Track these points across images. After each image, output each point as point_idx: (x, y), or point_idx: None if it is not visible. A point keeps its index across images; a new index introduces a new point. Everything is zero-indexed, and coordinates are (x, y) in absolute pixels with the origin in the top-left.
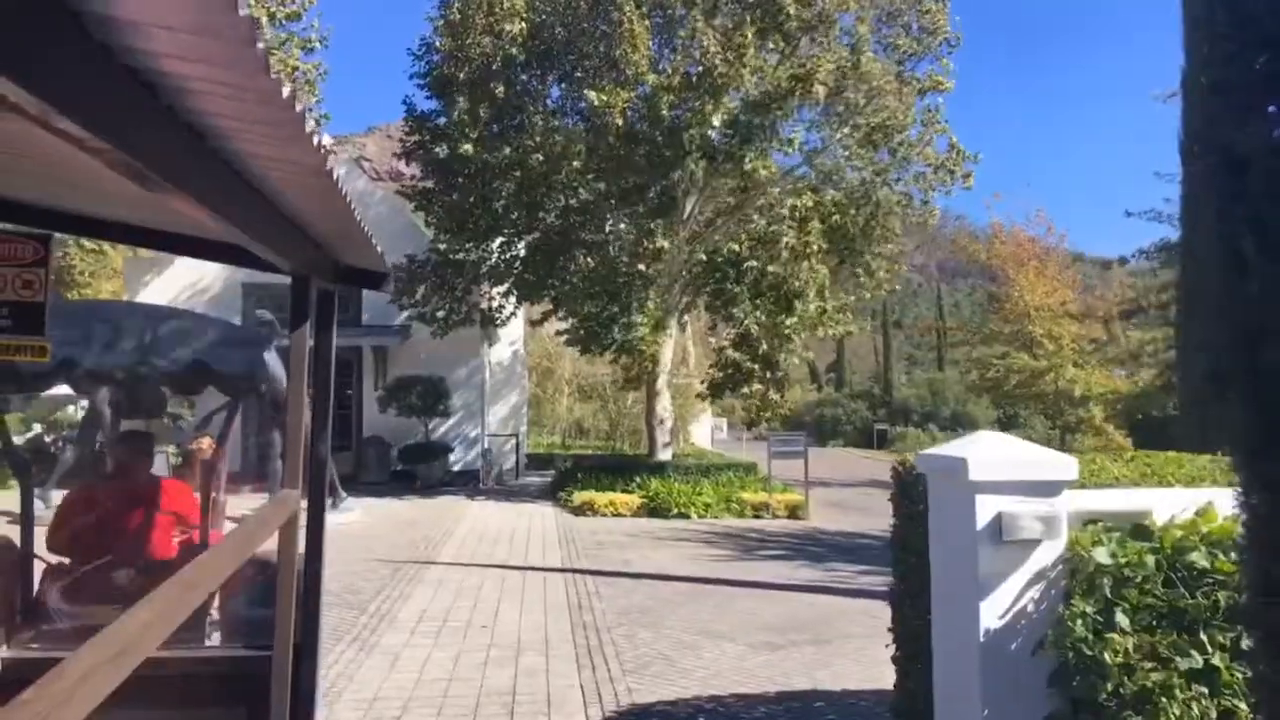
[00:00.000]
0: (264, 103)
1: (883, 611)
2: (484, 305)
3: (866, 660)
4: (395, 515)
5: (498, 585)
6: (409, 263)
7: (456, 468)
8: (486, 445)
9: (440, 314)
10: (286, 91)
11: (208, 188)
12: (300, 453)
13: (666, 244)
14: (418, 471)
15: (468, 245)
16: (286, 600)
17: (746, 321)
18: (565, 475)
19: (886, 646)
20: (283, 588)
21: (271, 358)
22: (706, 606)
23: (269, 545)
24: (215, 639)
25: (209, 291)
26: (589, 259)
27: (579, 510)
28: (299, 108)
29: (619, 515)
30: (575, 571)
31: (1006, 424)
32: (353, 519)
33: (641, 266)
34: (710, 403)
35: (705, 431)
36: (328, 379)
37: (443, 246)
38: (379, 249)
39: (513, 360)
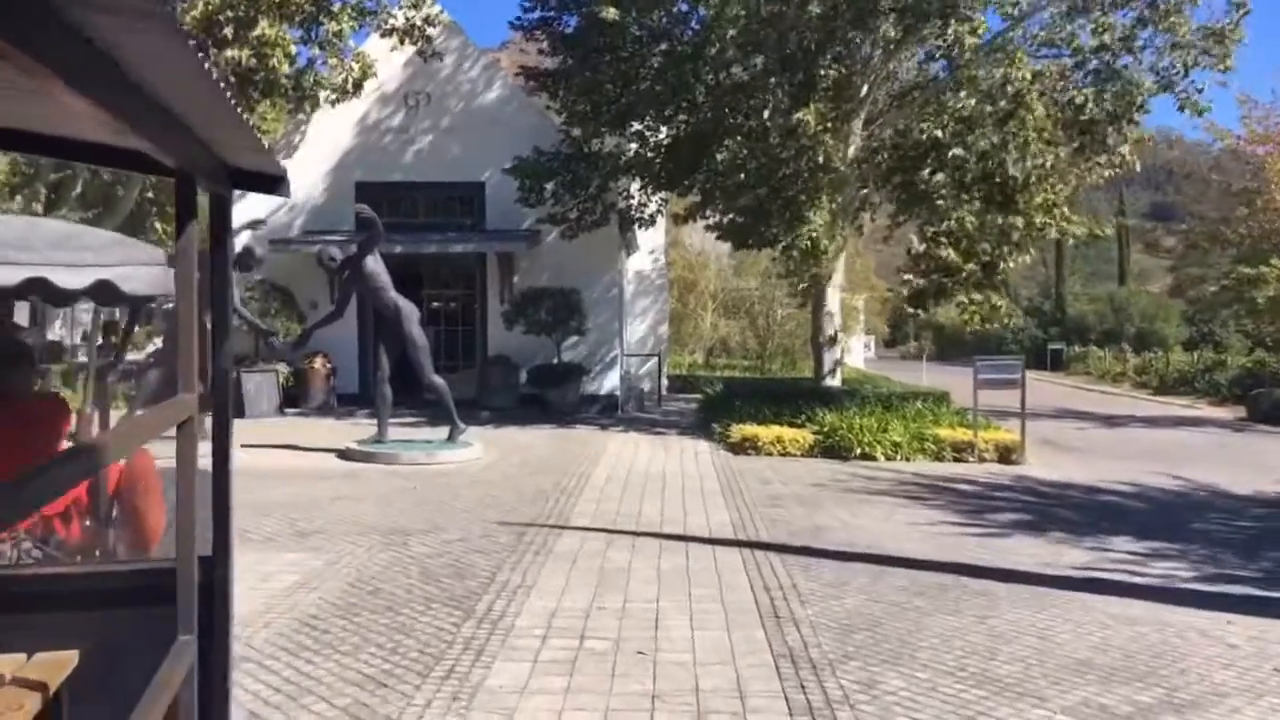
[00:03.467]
0: None
1: (1233, 631)
2: (622, 204)
3: None
4: (522, 451)
5: (652, 566)
6: (536, 156)
7: (591, 392)
8: (626, 367)
9: (572, 215)
10: None
11: (61, 55)
12: (194, 357)
13: (843, 125)
14: (548, 396)
15: (603, 132)
16: (186, 509)
17: (956, 217)
18: (716, 402)
19: None
20: (182, 496)
21: (373, 260)
22: (965, 620)
23: None
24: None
25: (317, 194)
26: (742, 149)
27: (739, 448)
28: None
29: (787, 455)
30: (754, 546)
31: (1200, 343)
32: (471, 457)
33: (807, 158)
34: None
35: (859, 351)
36: (225, 289)
37: (575, 133)
38: (267, 146)
39: (652, 271)
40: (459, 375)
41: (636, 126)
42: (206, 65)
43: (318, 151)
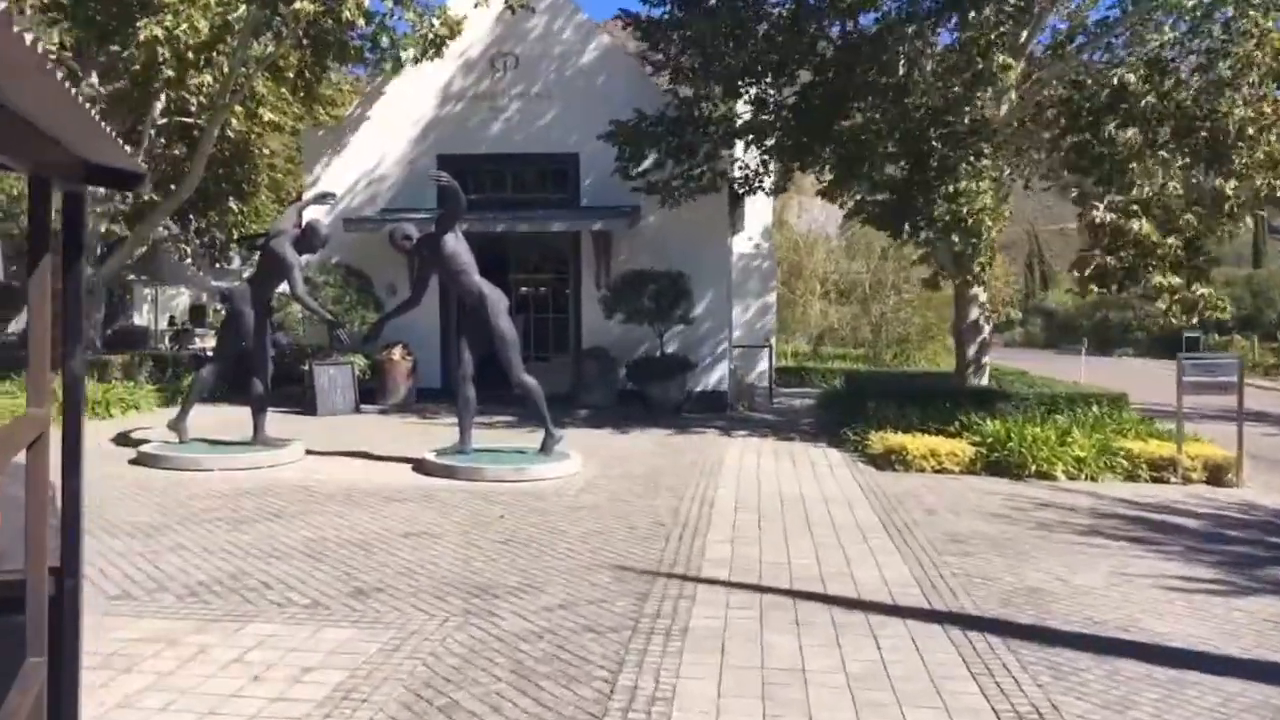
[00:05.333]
0: None
1: None
2: (735, 174)
3: None
4: (627, 462)
5: (834, 661)
6: (638, 119)
7: (697, 387)
8: (735, 360)
9: (676, 183)
10: None
11: None
12: (45, 369)
13: (1011, 67)
14: (650, 393)
15: (715, 93)
16: (39, 523)
17: (1154, 181)
18: (837, 400)
19: None
20: (33, 510)
21: (454, 239)
22: None
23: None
24: None
25: (396, 168)
26: (874, 113)
27: (881, 461)
28: None
29: (943, 470)
30: (961, 623)
31: None
32: (569, 471)
33: (955, 116)
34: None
35: None
36: (78, 288)
37: (684, 94)
38: (122, 145)
39: (757, 253)
40: (550, 368)
41: (753, 87)
42: (40, 51)
43: (396, 121)
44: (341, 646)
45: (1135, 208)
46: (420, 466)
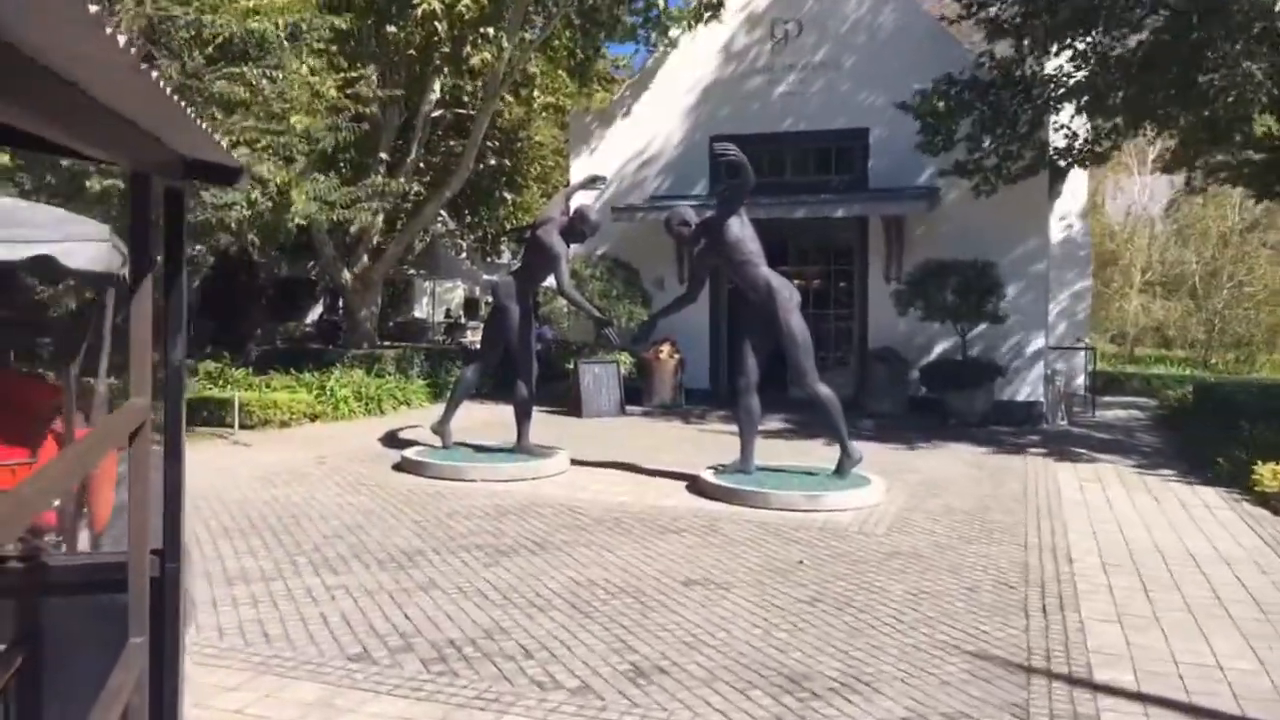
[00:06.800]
0: None
1: None
2: (1060, 144)
3: None
4: (938, 490)
5: None
6: (947, 85)
7: (1005, 396)
8: (1053, 365)
9: (989, 161)
10: None
11: None
12: (146, 360)
13: None
14: (950, 402)
15: (1038, 50)
16: (139, 506)
17: None
18: (1187, 417)
19: None
20: (134, 495)
21: (738, 224)
22: None
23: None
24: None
25: (665, 152)
26: (1245, 61)
27: (1277, 501)
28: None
29: None
30: None
31: None
32: (870, 501)
33: None
34: None
35: None
36: (179, 282)
37: (1001, 53)
38: (220, 142)
39: (1071, 239)
40: (831, 370)
41: (1084, 39)
42: (132, 52)
43: (665, 102)
44: None
45: None
46: (695, 486)
